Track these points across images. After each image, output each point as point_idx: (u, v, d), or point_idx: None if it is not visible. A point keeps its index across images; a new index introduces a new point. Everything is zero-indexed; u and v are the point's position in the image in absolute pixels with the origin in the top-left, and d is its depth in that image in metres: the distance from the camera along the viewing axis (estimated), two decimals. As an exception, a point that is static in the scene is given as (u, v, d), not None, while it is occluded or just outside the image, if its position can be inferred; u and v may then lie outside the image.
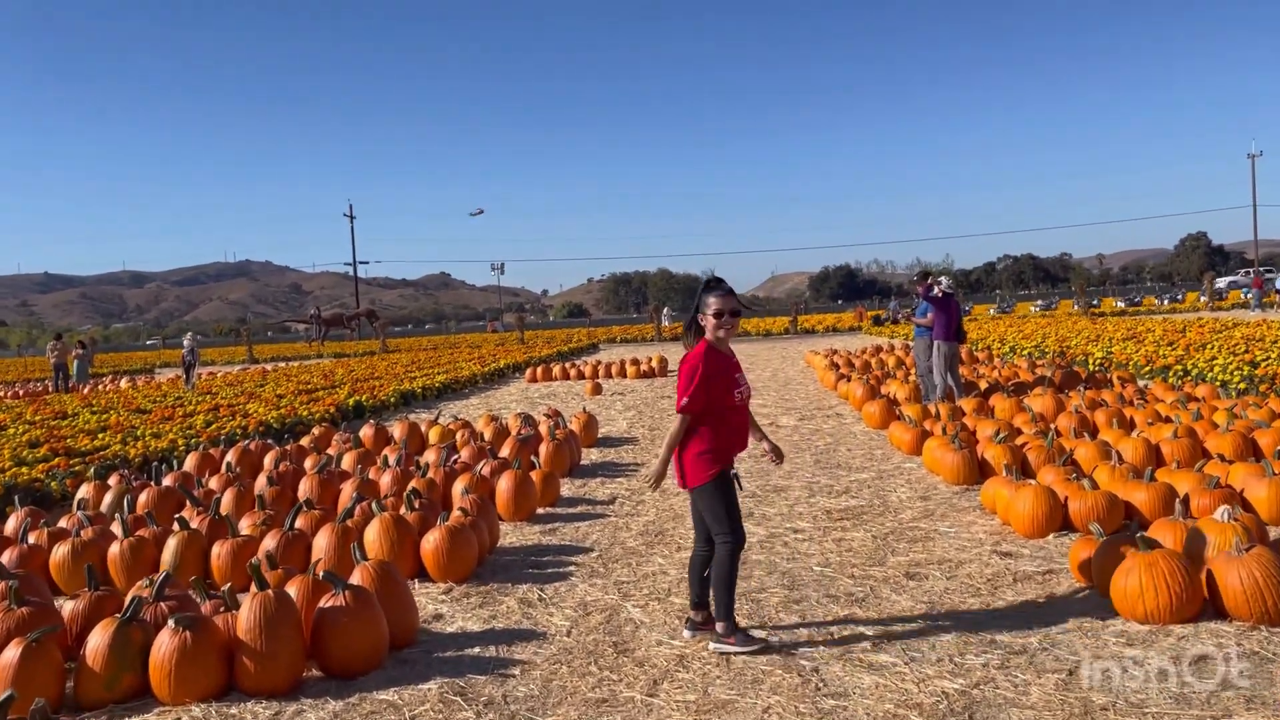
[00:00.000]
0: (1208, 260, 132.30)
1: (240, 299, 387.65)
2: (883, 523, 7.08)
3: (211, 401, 16.75)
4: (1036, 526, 6.36)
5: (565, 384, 21.90)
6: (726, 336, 4.66)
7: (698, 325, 4.71)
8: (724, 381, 4.59)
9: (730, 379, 4.62)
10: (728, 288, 4.69)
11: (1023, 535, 6.43)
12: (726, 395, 4.58)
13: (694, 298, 4.74)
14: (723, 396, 4.58)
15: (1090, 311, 44.70)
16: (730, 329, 4.65)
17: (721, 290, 4.67)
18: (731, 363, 4.70)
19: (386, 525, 5.99)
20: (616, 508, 8.11)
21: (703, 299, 4.69)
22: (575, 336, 49.90)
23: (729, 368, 4.66)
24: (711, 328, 4.64)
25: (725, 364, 4.65)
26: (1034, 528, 6.37)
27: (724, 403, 4.59)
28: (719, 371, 4.59)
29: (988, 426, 9.78)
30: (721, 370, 4.60)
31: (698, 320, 4.70)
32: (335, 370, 26.67)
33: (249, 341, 48.04)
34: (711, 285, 4.71)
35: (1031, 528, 6.38)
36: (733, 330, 4.67)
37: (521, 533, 7.35)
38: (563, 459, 9.46)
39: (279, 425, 12.98)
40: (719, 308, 4.61)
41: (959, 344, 13.16)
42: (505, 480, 7.72)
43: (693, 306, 4.73)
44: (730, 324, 4.64)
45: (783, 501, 7.98)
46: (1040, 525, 6.36)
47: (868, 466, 9.48)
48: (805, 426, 12.56)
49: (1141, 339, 20.11)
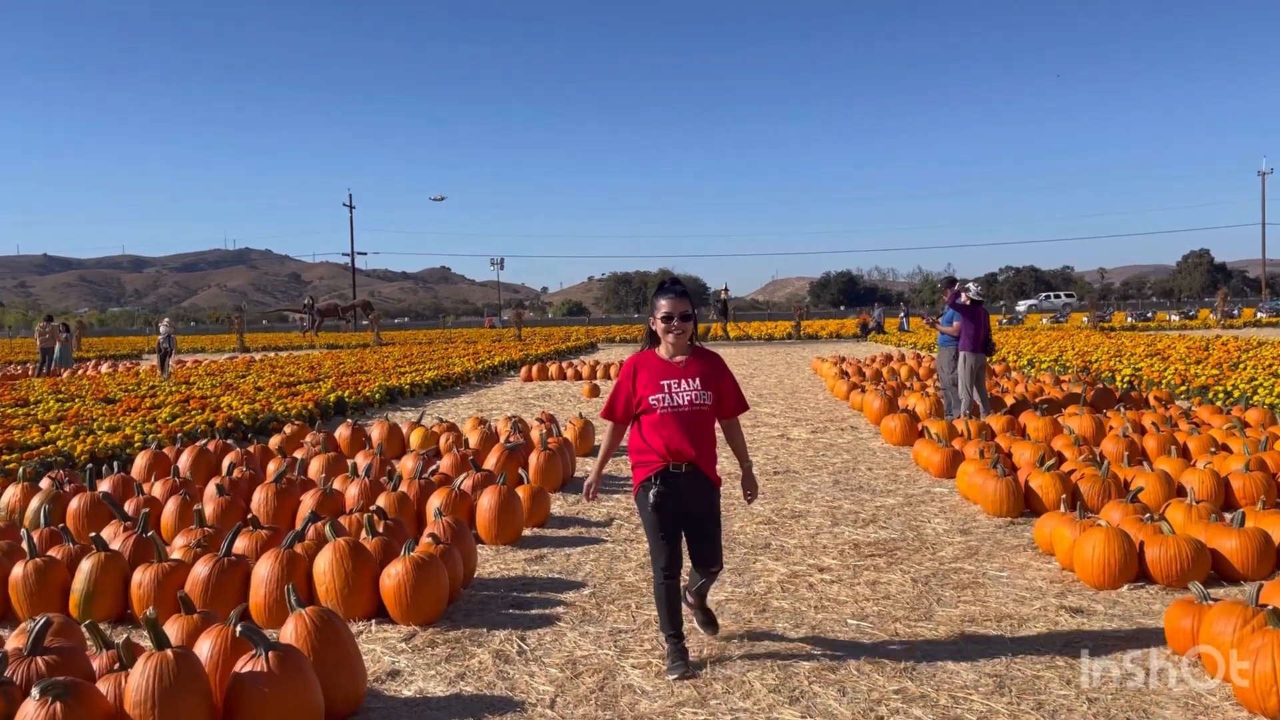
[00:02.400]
0: (1209, 277, 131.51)
1: (239, 286, 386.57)
2: (921, 562, 6.13)
3: (185, 393, 15.76)
4: (1109, 576, 5.40)
5: (561, 384, 20.94)
6: (677, 342, 4.36)
7: (649, 332, 4.50)
8: (650, 389, 4.32)
9: (657, 385, 4.31)
10: (681, 289, 4.41)
11: (1090, 585, 5.47)
12: (647, 403, 4.32)
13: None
14: (645, 404, 4.32)
15: (1101, 326, 43.76)
16: (680, 334, 4.34)
17: (674, 293, 4.37)
18: (671, 369, 4.36)
19: (341, 554, 5.02)
20: (614, 531, 7.15)
21: (654, 302, 4.41)
22: (574, 335, 48.92)
23: (664, 374, 4.34)
24: (660, 331, 4.36)
25: (660, 371, 4.36)
26: (1105, 577, 5.41)
27: (647, 411, 4.33)
28: (648, 379, 4.34)
29: (1024, 449, 8.83)
30: (652, 377, 4.34)
31: (649, 328, 4.48)
32: (323, 362, 25.68)
33: (240, 329, 46.97)
34: (664, 287, 4.43)
35: (1102, 577, 5.41)
36: (684, 335, 4.35)
37: (504, 559, 6.39)
38: (555, 472, 8.50)
39: (249, 422, 12.01)
40: (668, 310, 4.32)
41: (987, 356, 12.21)
42: (488, 497, 6.75)
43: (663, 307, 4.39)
44: (679, 329, 4.33)
45: (802, 530, 7.02)
46: (1113, 575, 5.40)
47: (893, 490, 8.52)
48: (819, 440, 11.60)
49: (1166, 356, 19.17)
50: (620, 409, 4.44)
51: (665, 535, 4.34)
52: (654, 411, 4.31)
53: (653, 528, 4.36)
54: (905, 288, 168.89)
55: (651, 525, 4.37)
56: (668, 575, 4.35)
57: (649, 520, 4.37)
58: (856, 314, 52.11)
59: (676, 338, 4.33)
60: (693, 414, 4.31)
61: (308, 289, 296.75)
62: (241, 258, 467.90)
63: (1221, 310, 47.76)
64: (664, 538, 4.34)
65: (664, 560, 4.35)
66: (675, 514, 4.35)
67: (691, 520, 4.42)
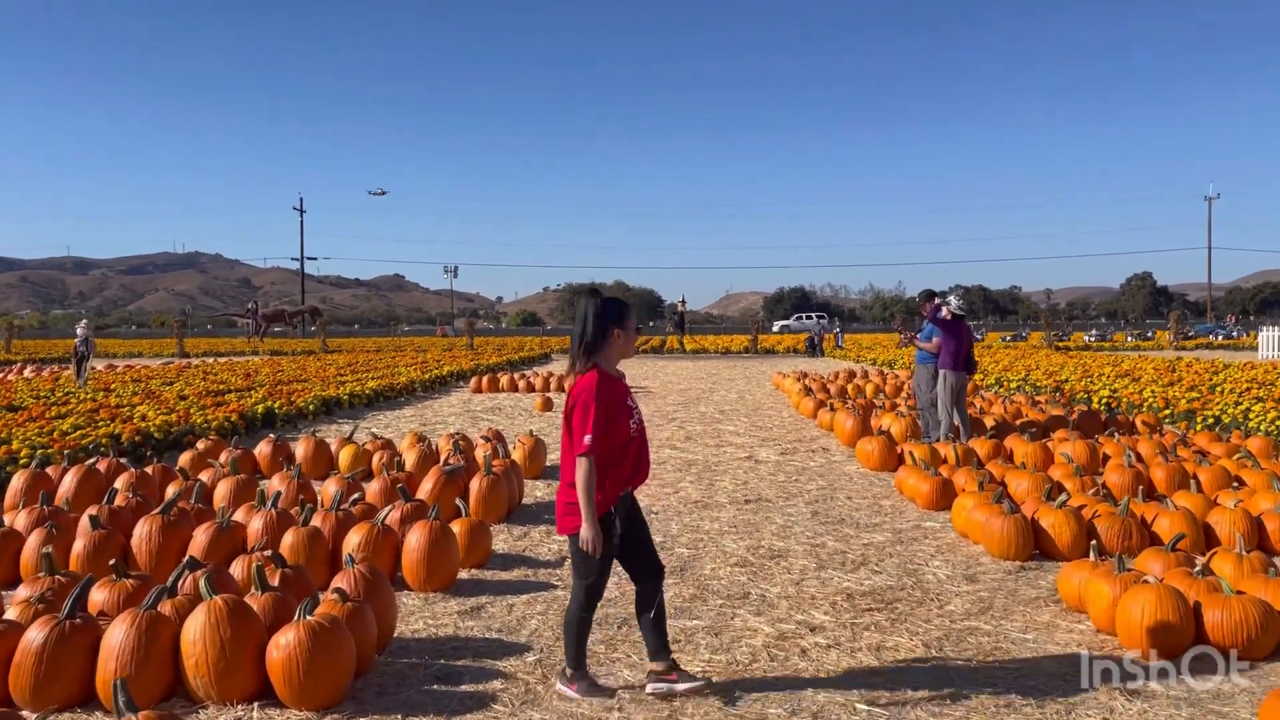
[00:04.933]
0: (1151, 300, 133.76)
1: (187, 290, 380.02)
2: (928, 618, 5.19)
3: (99, 401, 14.44)
4: (1164, 644, 4.49)
5: (513, 396, 19.84)
6: (628, 352, 4.14)
7: (596, 345, 3.98)
8: (624, 410, 4.04)
9: (626, 409, 4.05)
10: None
11: (1139, 653, 4.56)
12: (624, 427, 4.01)
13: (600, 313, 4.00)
14: (621, 430, 4.00)
15: (1056, 345, 43.53)
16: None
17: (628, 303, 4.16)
18: (624, 387, 4.11)
19: (218, 618, 3.95)
20: (565, 573, 6.11)
21: (616, 310, 4.02)
22: (527, 345, 47.69)
23: (624, 394, 4.08)
24: (624, 343, 4.04)
25: (621, 392, 4.06)
26: (1160, 645, 4.49)
27: (622, 436, 4.01)
28: (617, 401, 4.00)
29: (1021, 479, 7.97)
30: (620, 397, 4.03)
31: (601, 338, 3.98)
32: (261, 369, 24.32)
33: (179, 334, 45.10)
34: (622, 300, 4.12)
35: (1156, 645, 4.49)
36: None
37: (433, 612, 5.33)
38: (498, 500, 7.45)
39: (161, 435, 10.80)
40: (635, 323, 4.12)
41: (969, 375, 11.38)
42: (417, 535, 5.69)
43: (589, 321, 3.96)
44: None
45: (785, 575, 6.05)
46: (1169, 643, 4.49)
47: (879, 523, 7.60)
48: (789, 463, 10.67)
49: (1137, 377, 18.58)
50: (602, 441, 3.92)
51: (609, 566, 4.10)
52: (630, 434, 4.04)
53: (605, 561, 4.03)
54: (857, 304, 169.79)
55: (606, 559, 4.02)
56: (593, 608, 4.16)
57: (605, 555, 3.99)
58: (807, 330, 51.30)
59: (630, 348, 4.12)
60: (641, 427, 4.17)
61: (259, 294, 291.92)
62: (191, 261, 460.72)
63: (1175, 332, 47.87)
64: (608, 569, 4.10)
65: (600, 592, 4.15)
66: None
67: (631, 536, 4.11)
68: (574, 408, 3.94)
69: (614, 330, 3.98)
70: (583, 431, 3.87)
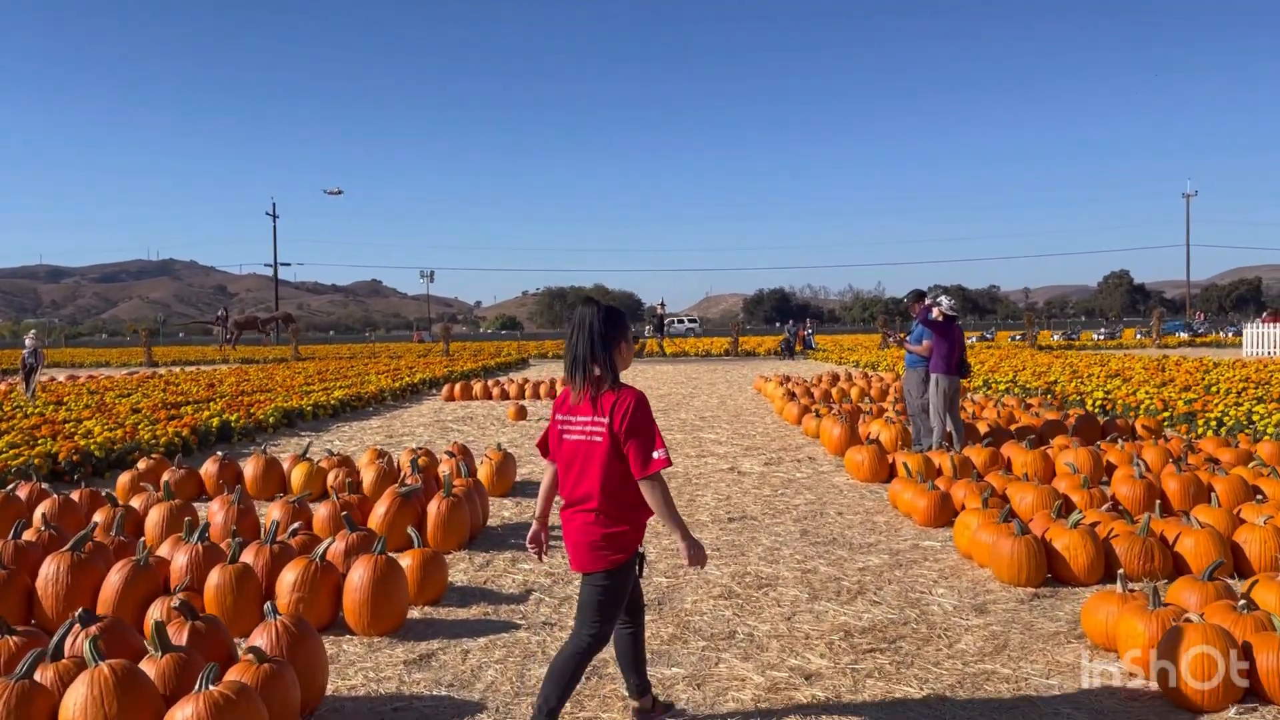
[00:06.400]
0: (1129, 297, 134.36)
1: (162, 298, 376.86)
2: (937, 660, 4.59)
3: (45, 415, 13.67)
4: (1214, 695, 3.91)
5: (486, 405, 19.17)
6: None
7: (612, 360, 3.58)
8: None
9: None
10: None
11: (1181, 705, 3.98)
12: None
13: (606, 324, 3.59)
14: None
15: (1039, 345, 43.20)
16: None
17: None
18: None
19: (102, 690, 3.29)
20: (530, 610, 5.49)
21: (623, 326, 3.65)
22: (505, 350, 46.97)
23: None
24: (628, 359, 3.67)
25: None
26: (1210, 697, 3.91)
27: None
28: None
29: (1025, 492, 7.39)
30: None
31: (615, 353, 3.59)
32: (226, 379, 23.52)
33: (146, 343, 44.08)
34: (618, 310, 3.71)
35: (1206, 697, 3.92)
36: None
37: (376, 662, 4.68)
38: (459, 524, 6.80)
39: (102, 454, 10.07)
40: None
41: (962, 379, 10.81)
42: (361, 571, 5.04)
43: (607, 336, 3.56)
44: None
45: (774, 608, 5.44)
46: (1218, 694, 3.91)
47: (874, 543, 7.01)
48: (774, 475, 10.07)
49: (1127, 377, 18.12)
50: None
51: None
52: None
53: (622, 604, 3.63)
54: (837, 305, 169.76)
55: (622, 602, 3.62)
56: (593, 657, 3.61)
57: (623, 595, 3.59)
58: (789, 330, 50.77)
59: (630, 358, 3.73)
60: None
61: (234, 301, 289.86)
62: (165, 269, 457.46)
63: (1156, 329, 47.72)
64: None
65: (608, 640, 3.65)
66: None
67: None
68: (629, 428, 3.44)
69: (620, 343, 3.62)
70: (651, 448, 3.44)
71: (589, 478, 3.49)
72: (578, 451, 3.53)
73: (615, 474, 3.46)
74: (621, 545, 3.51)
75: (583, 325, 3.54)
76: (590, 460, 3.49)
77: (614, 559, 3.48)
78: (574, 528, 3.54)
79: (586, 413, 3.51)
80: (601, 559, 3.48)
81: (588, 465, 3.49)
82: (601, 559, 3.48)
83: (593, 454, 3.48)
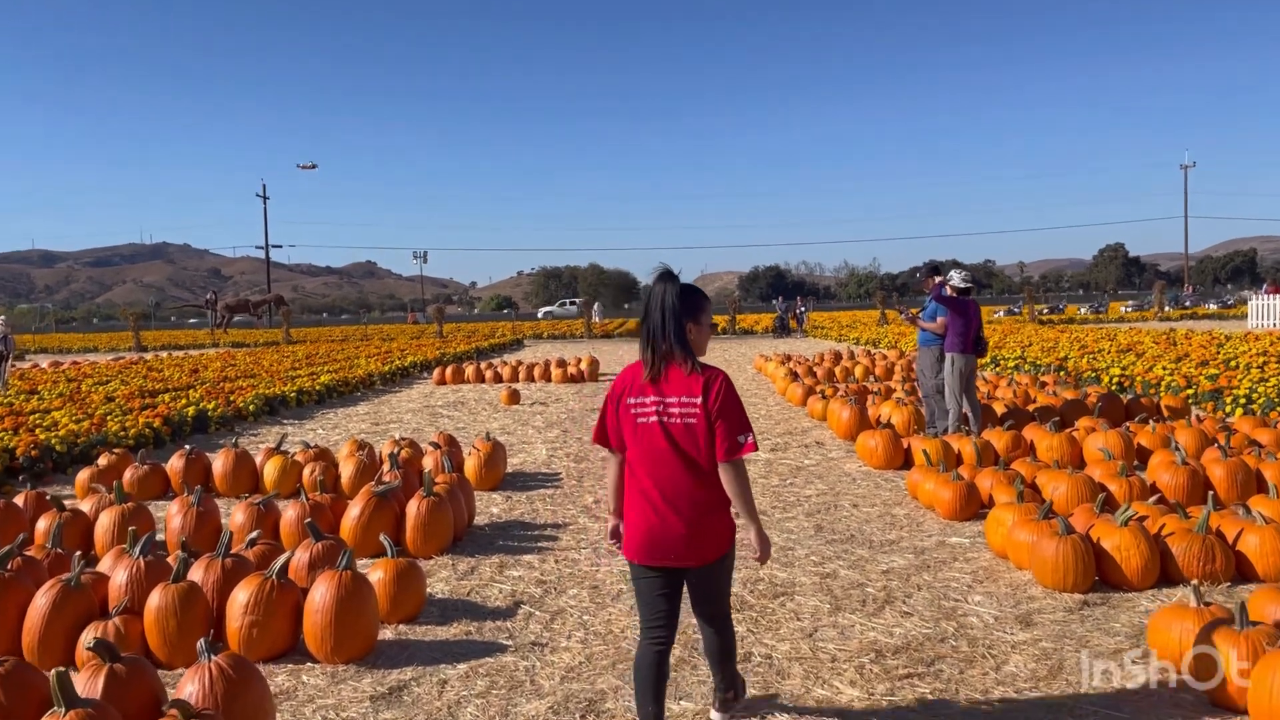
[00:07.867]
0: (1124, 271, 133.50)
1: (156, 282, 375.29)
2: (984, 685, 3.98)
3: (12, 406, 13.00)
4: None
5: (478, 388, 18.54)
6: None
7: (685, 340, 3.32)
8: None
9: None
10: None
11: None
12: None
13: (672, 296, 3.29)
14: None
15: (1041, 319, 42.58)
16: None
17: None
18: None
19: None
20: (517, 627, 4.88)
21: (702, 303, 3.37)
22: (499, 330, 46.30)
23: None
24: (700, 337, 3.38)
25: None
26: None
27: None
28: None
29: (1057, 480, 6.78)
30: None
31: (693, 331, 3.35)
32: (211, 364, 22.85)
33: (135, 327, 43.34)
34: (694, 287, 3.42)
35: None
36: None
37: (338, 698, 4.06)
38: (441, 527, 6.18)
39: (64, 449, 9.42)
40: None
41: (978, 357, 10.18)
42: (323, 589, 4.42)
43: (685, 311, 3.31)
44: None
45: (792, 622, 4.84)
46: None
47: (897, 540, 6.40)
48: (782, 462, 9.46)
49: (1141, 353, 17.50)
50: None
51: None
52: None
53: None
54: (832, 281, 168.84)
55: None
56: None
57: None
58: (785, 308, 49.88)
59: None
60: None
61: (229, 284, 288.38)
62: (159, 252, 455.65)
63: (1160, 302, 47.15)
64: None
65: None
66: None
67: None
68: (720, 408, 3.25)
69: (696, 322, 3.39)
70: (740, 431, 3.26)
71: (694, 462, 3.25)
72: (659, 435, 3.27)
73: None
74: (730, 522, 3.38)
75: (661, 303, 3.28)
76: (692, 441, 3.25)
77: (732, 536, 3.41)
78: (684, 518, 3.25)
79: (674, 393, 3.27)
80: (726, 540, 3.37)
81: (687, 448, 3.25)
82: (726, 540, 3.37)
83: (694, 435, 3.25)
